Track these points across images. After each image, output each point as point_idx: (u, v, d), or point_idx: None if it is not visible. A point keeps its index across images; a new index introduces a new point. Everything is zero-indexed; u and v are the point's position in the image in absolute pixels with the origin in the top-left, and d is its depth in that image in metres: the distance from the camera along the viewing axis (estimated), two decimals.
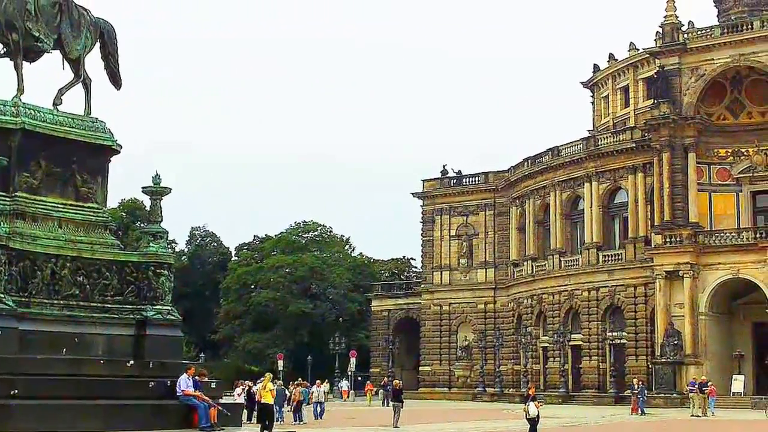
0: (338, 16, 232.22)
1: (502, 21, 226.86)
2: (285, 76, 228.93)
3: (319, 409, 56.60)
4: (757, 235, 76.34)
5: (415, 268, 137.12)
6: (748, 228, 78.83)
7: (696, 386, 67.03)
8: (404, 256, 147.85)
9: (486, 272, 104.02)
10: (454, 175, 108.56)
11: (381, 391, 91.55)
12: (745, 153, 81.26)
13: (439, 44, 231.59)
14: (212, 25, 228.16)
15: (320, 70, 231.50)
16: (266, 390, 38.20)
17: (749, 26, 78.81)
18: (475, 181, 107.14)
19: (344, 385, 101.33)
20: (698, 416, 63.55)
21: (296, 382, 59.27)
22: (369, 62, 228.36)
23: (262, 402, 39.25)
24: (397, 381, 57.28)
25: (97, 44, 35.34)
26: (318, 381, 62.29)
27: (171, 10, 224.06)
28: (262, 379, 42.82)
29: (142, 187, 35.22)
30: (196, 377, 32.24)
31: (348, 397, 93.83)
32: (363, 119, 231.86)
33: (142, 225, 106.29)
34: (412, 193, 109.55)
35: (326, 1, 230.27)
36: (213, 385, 33.85)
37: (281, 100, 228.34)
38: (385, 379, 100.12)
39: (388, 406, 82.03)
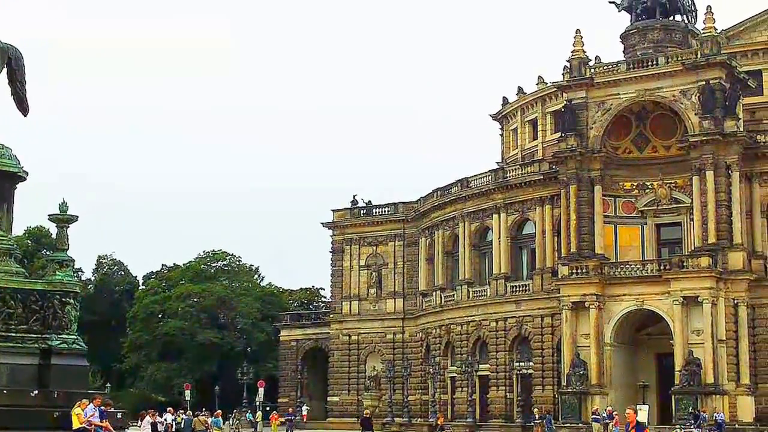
0: (250, 46, 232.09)
1: (413, 51, 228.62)
2: (191, 106, 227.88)
3: None
4: (661, 267, 77.43)
5: (325, 297, 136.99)
6: (652, 260, 79.96)
7: (601, 416, 67.91)
8: (313, 286, 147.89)
9: (395, 302, 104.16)
10: (364, 205, 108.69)
11: (286, 420, 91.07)
12: (650, 186, 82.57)
13: (349, 72, 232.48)
14: (119, 53, 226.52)
15: (228, 98, 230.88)
16: (75, 414, 34.41)
17: (654, 62, 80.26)
18: (384, 211, 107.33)
19: (304, 410, 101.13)
20: None
21: (197, 412, 58.84)
22: (277, 91, 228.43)
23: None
24: (368, 411, 56.24)
25: (4, 70, 34.88)
26: (206, 410, 61.51)
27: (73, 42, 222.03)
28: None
29: (49, 215, 34.81)
30: (102, 407, 31.85)
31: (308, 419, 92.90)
32: (271, 148, 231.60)
33: (48, 253, 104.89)
34: (322, 223, 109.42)
35: (237, 34, 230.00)
36: (119, 416, 33.48)
37: (189, 130, 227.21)
38: (290, 408, 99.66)
39: None
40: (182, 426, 60.49)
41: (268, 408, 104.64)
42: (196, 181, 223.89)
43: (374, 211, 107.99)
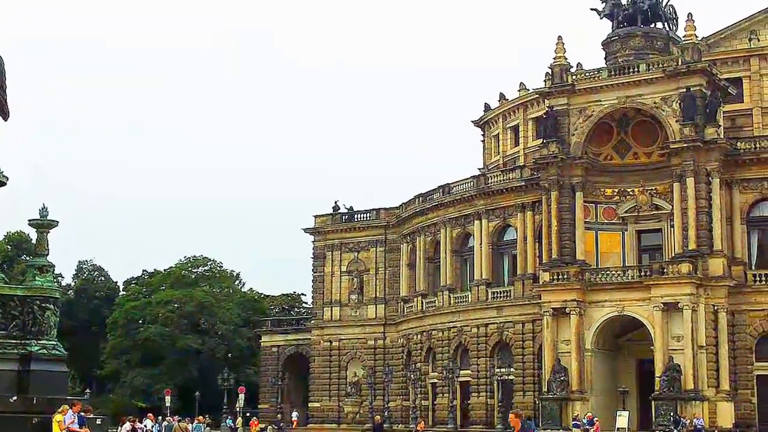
0: (235, 56, 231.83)
1: (395, 58, 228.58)
2: (173, 111, 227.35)
3: None
4: (642, 273, 77.62)
5: (306, 303, 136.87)
6: (633, 266, 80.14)
7: (582, 422, 68.05)
8: (295, 292, 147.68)
9: (376, 308, 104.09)
10: (346, 211, 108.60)
11: (269, 427, 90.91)
12: (631, 193, 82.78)
13: (331, 79, 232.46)
14: (103, 61, 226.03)
15: (211, 104, 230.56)
16: (57, 421, 33.63)
17: (635, 69, 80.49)
18: (366, 217, 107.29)
19: (294, 415, 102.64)
20: None
21: (177, 418, 58.73)
22: (260, 96, 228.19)
23: None
24: (379, 417, 55.90)
25: None
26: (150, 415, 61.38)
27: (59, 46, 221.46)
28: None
29: (29, 220, 34.63)
30: (82, 413, 31.67)
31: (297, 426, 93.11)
32: (253, 153, 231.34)
33: (28, 258, 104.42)
34: (304, 229, 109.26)
35: (233, 39, 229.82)
36: (98, 422, 33.31)
37: (170, 136, 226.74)
38: (279, 415, 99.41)
39: None
40: None
41: (248, 414, 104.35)
42: (177, 187, 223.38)
43: (356, 216, 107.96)
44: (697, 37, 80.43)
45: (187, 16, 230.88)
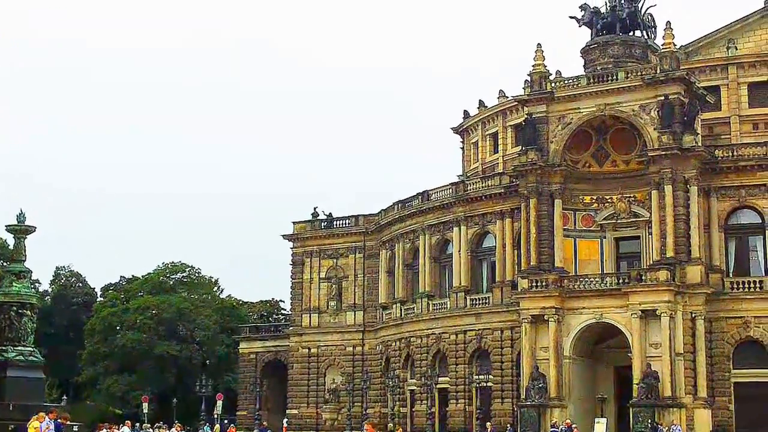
0: (217, 59, 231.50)
1: (373, 65, 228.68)
2: (151, 112, 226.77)
3: None
4: (620, 281, 77.75)
5: (284, 310, 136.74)
6: (611, 273, 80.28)
7: (560, 429, 68.11)
8: (273, 298, 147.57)
9: (355, 315, 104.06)
10: (325, 217, 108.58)
11: None
12: (609, 200, 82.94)
13: (314, 82, 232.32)
14: (81, 59, 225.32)
15: (194, 108, 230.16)
16: (34, 427, 33.78)
17: (614, 77, 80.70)
18: (345, 224, 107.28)
19: (285, 422, 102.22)
20: None
21: (157, 425, 58.56)
22: (245, 99, 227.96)
23: None
24: (391, 424, 55.73)
25: None
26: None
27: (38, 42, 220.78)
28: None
29: (6, 225, 34.49)
30: (59, 420, 31.51)
31: None
32: (232, 161, 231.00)
33: (4, 264, 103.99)
34: (282, 235, 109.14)
35: (200, 36, 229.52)
36: (75, 428, 33.16)
37: (147, 137, 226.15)
38: (265, 422, 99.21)
39: None
40: None
41: (226, 421, 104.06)
42: (156, 192, 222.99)
43: (335, 223, 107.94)
44: (675, 45, 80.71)
45: (185, 18, 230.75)
